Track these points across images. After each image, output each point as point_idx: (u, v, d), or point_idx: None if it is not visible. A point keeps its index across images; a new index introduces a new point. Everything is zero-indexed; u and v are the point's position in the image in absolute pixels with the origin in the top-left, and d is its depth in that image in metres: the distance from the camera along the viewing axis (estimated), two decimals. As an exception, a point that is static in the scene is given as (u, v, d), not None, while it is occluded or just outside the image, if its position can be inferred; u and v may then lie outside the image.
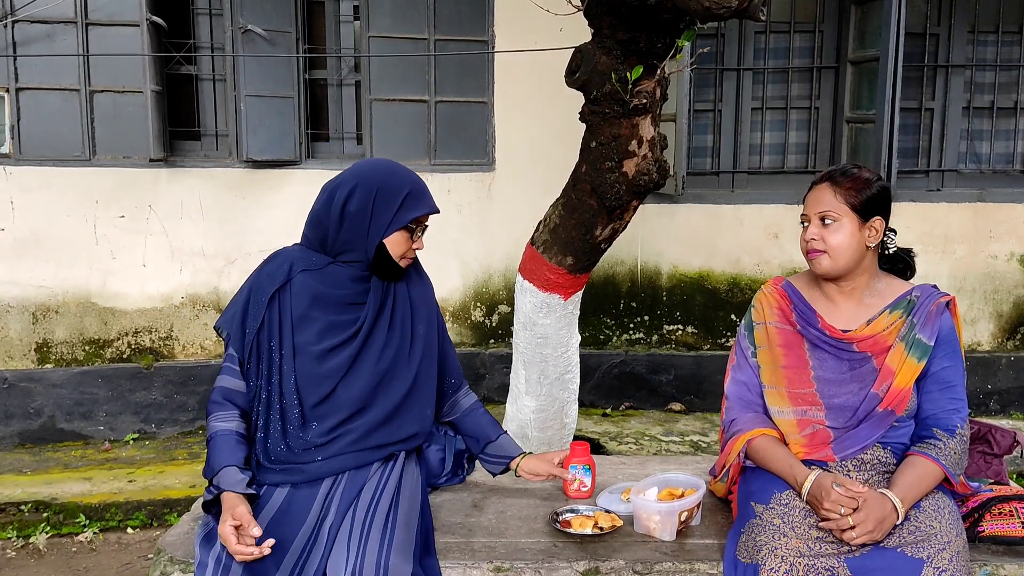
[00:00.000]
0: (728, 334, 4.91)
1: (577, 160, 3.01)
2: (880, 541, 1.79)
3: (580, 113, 2.92)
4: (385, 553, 1.77)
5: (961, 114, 4.98)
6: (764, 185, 4.99)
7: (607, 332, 4.90)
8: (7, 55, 4.36)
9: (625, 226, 3.10)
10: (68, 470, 4.08)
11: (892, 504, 1.81)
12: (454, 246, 4.75)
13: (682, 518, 2.05)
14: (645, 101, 2.74)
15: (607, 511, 2.16)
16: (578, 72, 2.79)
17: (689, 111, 4.53)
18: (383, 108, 4.69)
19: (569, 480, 2.29)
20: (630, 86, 2.68)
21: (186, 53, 4.67)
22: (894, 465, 1.97)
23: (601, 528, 2.07)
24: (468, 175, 4.76)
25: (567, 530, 2.07)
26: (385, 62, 4.63)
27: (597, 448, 4.12)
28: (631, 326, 4.91)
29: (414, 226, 2.05)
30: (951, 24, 4.88)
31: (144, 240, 4.58)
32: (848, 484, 1.85)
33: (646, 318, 4.91)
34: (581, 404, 4.22)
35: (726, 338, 4.91)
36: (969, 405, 2.06)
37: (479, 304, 4.83)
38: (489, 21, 4.66)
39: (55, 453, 4.35)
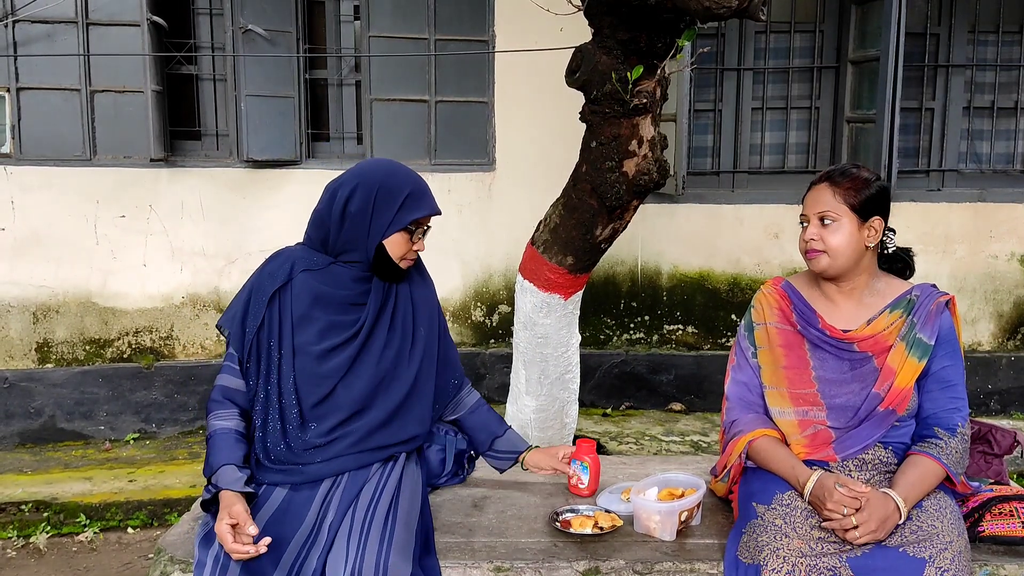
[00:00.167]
0: (728, 334, 4.91)
1: (577, 160, 3.02)
2: (882, 541, 1.79)
3: (580, 113, 2.92)
4: (385, 553, 1.77)
5: (961, 114, 4.98)
6: (764, 185, 4.99)
7: (607, 332, 4.90)
8: (8, 55, 4.36)
9: (625, 226, 3.10)
10: (69, 470, 4.08)
11: (895, 504, 1.81)
12: (454, 246, 4.75)
13: (682, 518, 2.05)
14: (645, 101, 2.74)
15: (607, 511, 2.16)
16: (578, 72, 2.79)
17: (689, 111, 4.53)
18: (383, 108, 4.69)
19: (570, 475, 2.32)
20: (630, 86, 2.68)
21: (186, 53, 4.67)
22: (895, 465, 1.97)
23: (601, 528, 2.07)
24: (468, 175, 4.76)
25: (567, 530, 2.07)
26: (385, 62, 4.63)
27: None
28: (631, 326, 4.91)
29: (414, 227, 2.04)
30: (951, 24, 4.88)
31: (145, 240, 4.58)
32: (851, 484, 1.85)
33: (646, 318, 4.91)
34: (581, 404, 4.22)
35: (726, 338, 4.91)
36: (970, 405, 2.06)
37: (479, 304, 4.83)
38: (489, 21, 4.66)
39: (56, 453, 4.35)
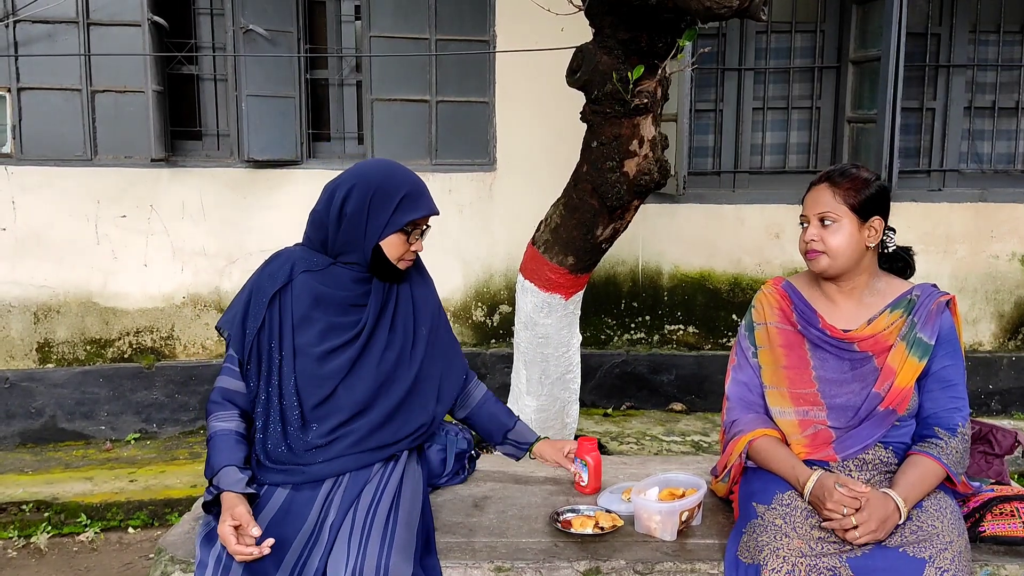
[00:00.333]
0: (729, 334, 4.91)
1: (578, 160, 3.02)
2: (882, 541, 1.79)
3: (581, 113, 2.92)
4: (386, 553, 1.77)
5: (962, 114, 4.97)
6: (765, 185, 4.99)
7: (608, 332, 4.90)
8: (9, 55, 4.36)
9: (626, 226, 3.10)
10: (69, 470, 4.08)
11: (895, 504, 1.81)
12: (455, 246, 4.75)
13: (683, 518, 2.05)
14: (646, 101, 2.74)
15: (608, 511, 2.16)
16: (579, 72, 2.79)
17: (690, 111, 4.53)
18: (384, 108, 4.69)
19: (572, 472, 2.34)
20: (631, 86, 2.68)
21: (187, 53, 4.67)
22: (896, 465, 1.97)
23: (602, 528, 2.07)
24: (469, 175, 4.76)
25: (568, 530, 2.07)
26: (386, 62, 4.63)
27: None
28: (632, 326, 4.91)
29: (411, 228, 2.03)
30: (952, 24, 4.88)
31: (145, 240, 4.58)
32: (851, 484, 1.85)
33: (647, 318, 4.90)
34: (582, 404, 4.22)
35: (727, 338, 4.91)
36: (970, 405, 2.06)
37: (480, 304, 4.83)
38: (490, 21, 4.66)
39: (56, 453, 4.35)
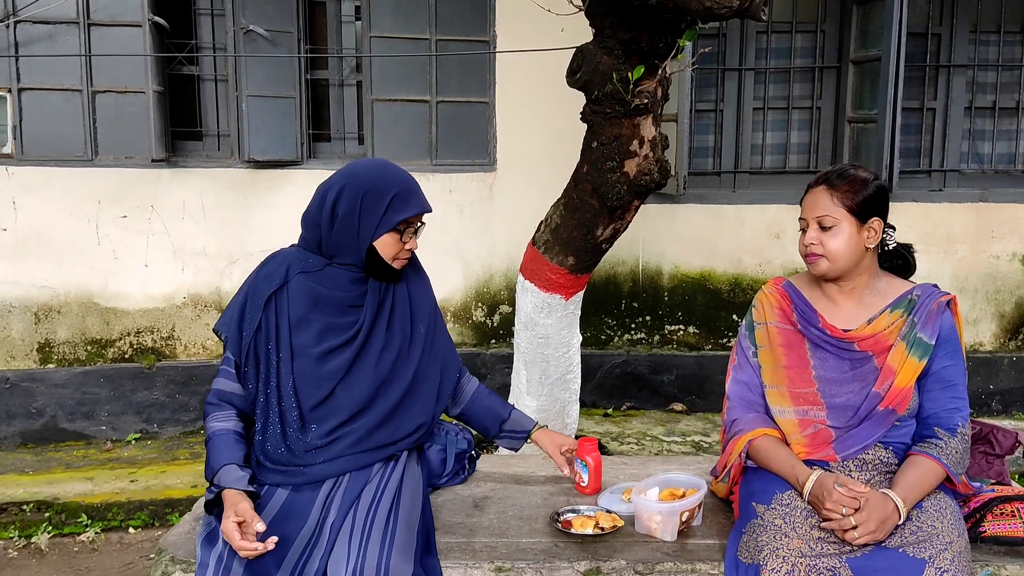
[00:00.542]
0: (730, 334, 4.91)
1: (578, 160, 3.02)
2: (882, 541, 1.79)
3: (581, 113, 2.92)
4: (386, 553, 1.77)
5: (963, 114, 4.97)
6: (766, 185, 4.99)
7: (608, 332, 4.90)
8: (9, 55, 4.36)
9: (626, 226, 3.10)
10: (70, 470, 4.08)
11: (894, 504, 1.81)
12: (455, 246, 4.75)
13: (683, 518, 2.05)
14: (646, 101, 2.75)
15: (608, 511, 2.16)
16: (579, 72, 2.79)
17: (691, 111, 4.53)
18: (384, 108, 4.70)
19: (573, 474, 2.34)
20: (631, 86, 2.68)
21: (188, 53, 4.67)
22: (895, 465, 1.97)
23: (602, 528, 2.06)
24: (469, 175, 4.76)
25: (568, 530, 2.07)
26: (386, 62, 4.63)
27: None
28: (632, 326, 4.91)
29: (404, 227, 2.02)
30: (953, 24, 4.87)
31: (146, 240, 4.58)
32: (850, 484, 1.84)
33: (647, 318, 4.90)
34: (582, 404, 4.22)
35: (728, 338, 4.91)
36: (971, 405, 2.06)
37: (480, 304, 4.83)
38: (491, 21, 4.66)
39: (57, 453, 4.35)
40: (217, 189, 4.61)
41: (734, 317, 4.90)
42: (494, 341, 4.85)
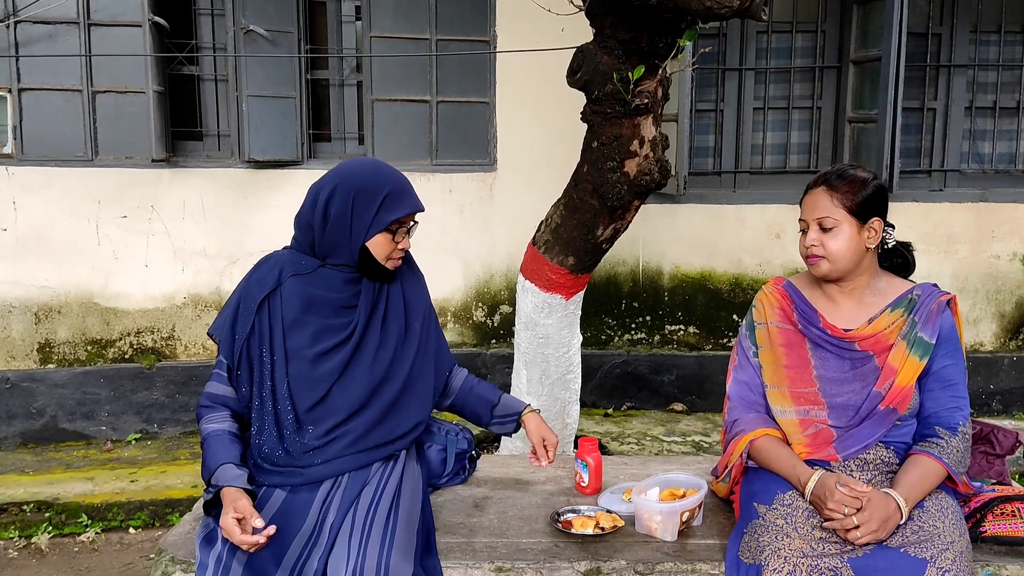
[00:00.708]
0: (730, 334, 4.91)
1: (578, 160, 3.02)
2: (884, 541, 1.79)
3: (582, 113, 2.92)
4: (386, 553, 1.77)
5: (963, 114, 4.97)
6: (766, 185, 4.99)
7: (609, 332, 4.90)
8: (9, 55, 4.36)
9: (626, 226, 3.10)
10: (70, 470, 4.08)
11: (896, 503, 1.81)
12: (456, 246, 4.75)
13: (684, 518, 2.05)
14: (647, 101, 2.75)
15: (608, 511, 2.16)
16: (580, 72, 2.79)
17: (691, 111, 4.53)
18: (385, 108, 4.70)
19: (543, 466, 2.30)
20: (632, 86, 2.68)
21: (188, 53, 4.67)
22: (897, 465, 1.97)
23: (602, 528, 2.06)
24: (470, 175, 4.76)
25: (568, 530, 2.07)
26: (387, 62, 4.63)
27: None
28: (633, 326, 4.90)
29: (396, 227, 2.01)
30: (953, 24, 4.87)
31: (146, 240, 4.58)
32: (852, 484, 1.84)
33: (648, 318, 4.90)
34: (583, 404, 4.21)
35: (728, 338, 4.91)
36: (972, 405, 2.06)
37: (481, 304, 4.83)
38: (491, 21, 4.66)
39: (57, 453, 4.35)
40: (217, 189, 4.61)
41: (734, 317, 4.89)
42: (494, 341, 4.85)
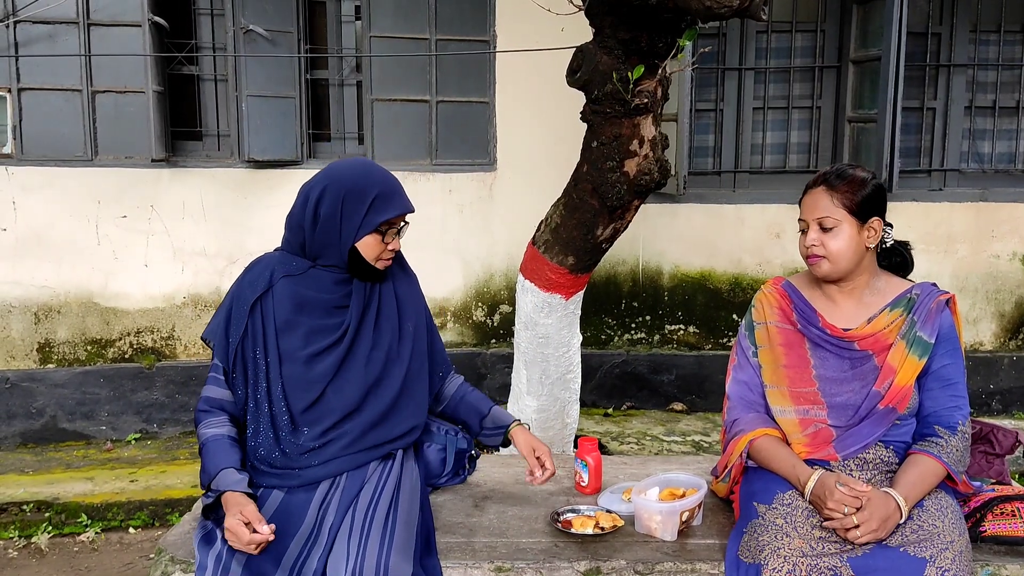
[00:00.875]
0: (730, 334, 4.91)
1: (578, 160, 3.02)
2: (883, 540, 1.79)
3: (581, 113, 2.92)
4: (385, 553, 1.77)
5: (963, 113, 4.97)
6: (766, 185, 4.99)
7: (608, 332, 4.90)
8: (9, 55, 4.36)
9: (626, 226, 3.10)
10: (70, 470, 4.08)
11: (896, 503, 1.81)
12: (455, 246, 4.75)
13: (683, 518, 2.05)
14: (646, 101, 2.75)
15: (608, 511, 2.16)
16: (579, 72, 2.79)
17: (691, 111, 4.53)
18: (384, 108, 4.69)
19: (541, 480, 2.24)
20: (631, 86, 2.68)
21: (188, 53, 4.67)
22: (896, 464, 1.97)
23: (602, 528, 2.07)
24: (469, 175, 4.76)
25: (568, 530, 2.07)
26: (386, 62, 4.63)
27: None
28: (633, 326, 4.90)
29: (386, 228, 2.01)
30: (953, 23, 4.87)
31: (146, 240, 4.58)
32: (851, 483, 1.85)
33: (648, 318, 4.90)
34: (583, 404, 4.22)
35: (728, 338, 4.91)
36: (971, 405, 2.06)
37: (480, 304, 4.83)
38: (490, 21, 4.66)
39: (57, 453, 4.35)
40: (217, 189, 4.61)
41: (734, 317, 4.89)
42: (494, 341, 4.85)
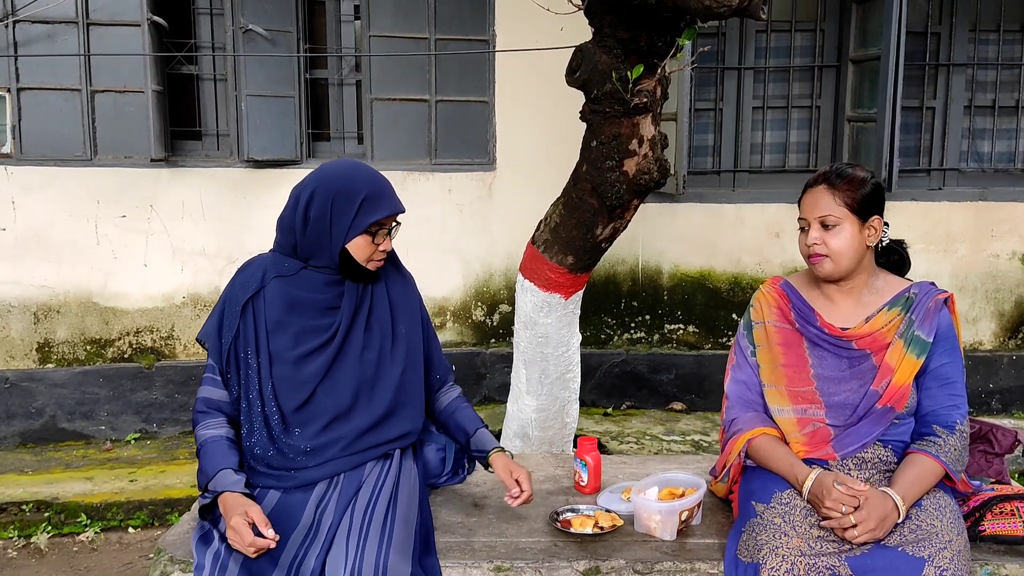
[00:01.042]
0: (729, 333, 4.91)
1: (578, 159, 3.01)
2: (881, 539, 1.79)
3: (581, 112, 2.92)
4: (384, 552, 1.77)
5: (962, 113, 4.97)
6: (765, 184, 4.99)
7: (608, 331, 4.90)
8: (8, 55, 4.36)
9: (626, 225, 3.10)
10: (69, 470, 4.08)
11: (893, 502, 1.81)
12: (455, 245, 4.75)
13: (683, 517, 2.05)
14: (646, 100, 2.74)
15: (607, 510, 2.16)
16: (579, 71, 2.79)
17: (690, 110, 4.53)
18: (384, 107, 4.69)
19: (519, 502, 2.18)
20: (631, 85, 2.68)
21: (187, 53, 4.67)
22: (895, 464, 1.97)
23: (601, 527, 2.07)
24: (469, 174, 4.76)
25: (567, 529, 2.07)
26: (386, 61, 4.63)
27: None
28: (632, 325, 4.91)
29: (376, 229, 2.00)
30: (952, 22, 4.87)
31: (145, 240, 4.58)
32: (849, 482, 1.85)
33: (647, 317, 4.90)
34: (582, 403, 4.22)
35: (727, 337, 4.90)
36: (971, 404, 2.06)
37: (480, 303, 4.82)
38: (490, 20, 4.66)
39: (56, 453, 4.35)
40: (216, 189, 4.61)
41: (734, 316, 4.89)
42: (494, 340, 4.85)
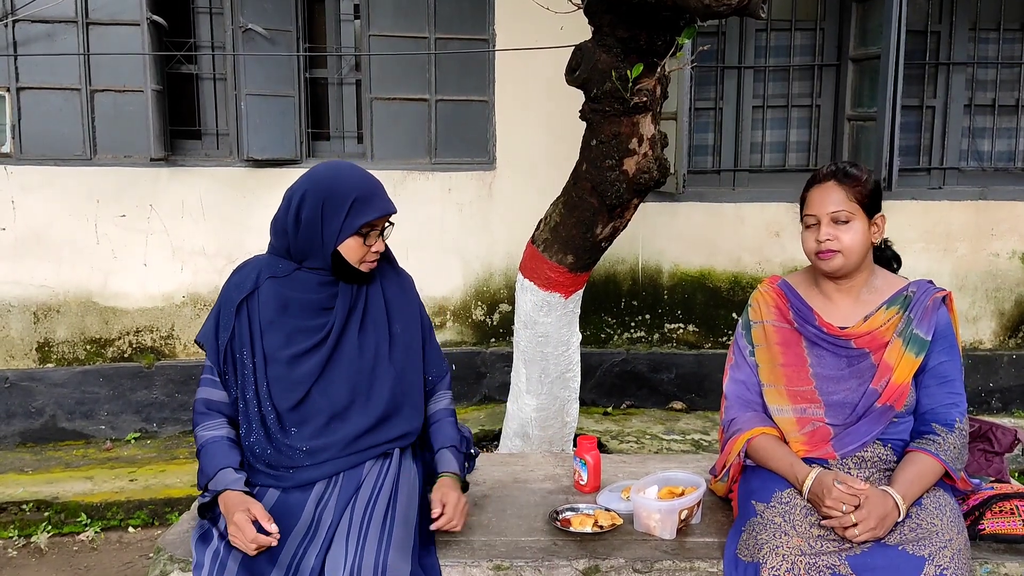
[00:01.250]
0: (729, 333, 4.91)
1: (578, 158, 3.01)
2: (882, 538, 1.79)
3: (580, 111, 2.92)
4: (384, 551, 1.77)
5: (962, 112, 4.97)
6: (765, 183, 4.99)
7: (608, 331, 4.90)
8: (8, 54, 4.36)
9: (626, 224, 3.10)
10: (69, 469, 4.08)
11: (893, 501, 1.81)
12: (455, 245, 4.74)
13: (682, 516, 2.05)
14: (645, 99, 2.74)
15: (607, 509, 2.16)
16: (578, 70, 2.79)
17: (690, 109, 4.53)
18: (384, 107, 4.69)
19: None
20: (630, 84, 2.68)
21: (187, 52, 4.67)
22: (894, 462, 1.97)
23: (601, 526, 2.07)
24: (469, 174, 4.76)
25: (567, 528, 2.07)
26: (386, 61, 4.63)
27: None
28: (632, 325, 4.90)
29: (367, 230, 2.00)
30: (952, 21, 4.87)
31: (145, 239, 4.58)
32: (849, 481, 1.85)
33: (647, 317, 4.90)
34: (582, 403, 4.22)
35: (727, 337, 4.90)
36: (971, 403, 2.06)
37: (480, 303, 4.82)
38: (490, 19, 4.66)
39: (56, 452, 4.35)
40: (216, 188, 4.61)
41: (734, 315, 4.89)
42: (494, 340, 4.85)
